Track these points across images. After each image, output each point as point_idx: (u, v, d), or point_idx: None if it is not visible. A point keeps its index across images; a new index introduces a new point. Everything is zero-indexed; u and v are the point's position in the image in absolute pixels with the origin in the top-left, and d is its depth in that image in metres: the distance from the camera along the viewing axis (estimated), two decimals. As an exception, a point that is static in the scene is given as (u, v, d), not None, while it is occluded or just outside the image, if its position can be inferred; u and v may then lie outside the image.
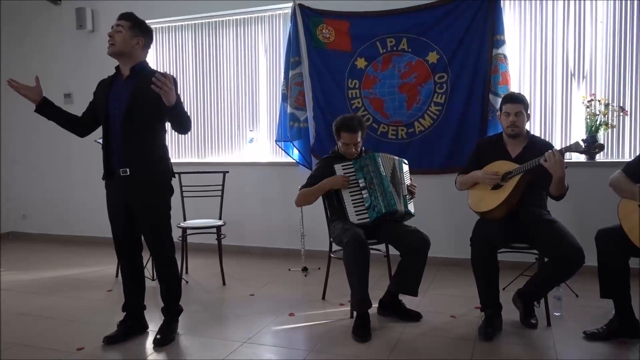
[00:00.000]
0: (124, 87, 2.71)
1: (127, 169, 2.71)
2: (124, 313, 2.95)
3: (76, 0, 5.62)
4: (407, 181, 3.33)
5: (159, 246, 2.84)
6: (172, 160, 5.39)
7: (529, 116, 3.10)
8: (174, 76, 2.76)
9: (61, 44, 5.80)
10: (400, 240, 3.11)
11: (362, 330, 2.88)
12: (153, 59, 5.51)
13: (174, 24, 5.40)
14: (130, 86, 2.69)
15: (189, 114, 2.74)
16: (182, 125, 2.69)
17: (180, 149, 5.49)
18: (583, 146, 2.75)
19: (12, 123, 6.00)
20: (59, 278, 4.30)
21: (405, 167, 3.37)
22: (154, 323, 3.00)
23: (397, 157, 3.35)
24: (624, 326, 2.74)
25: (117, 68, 2.80)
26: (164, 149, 2.83)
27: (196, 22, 5.31)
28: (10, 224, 6.23)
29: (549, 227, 2.85)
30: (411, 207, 3.28)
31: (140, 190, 2.74)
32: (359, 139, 3.28)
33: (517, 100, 3.03)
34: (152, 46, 5.71)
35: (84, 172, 5.62)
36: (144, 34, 2.77)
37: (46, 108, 2.78)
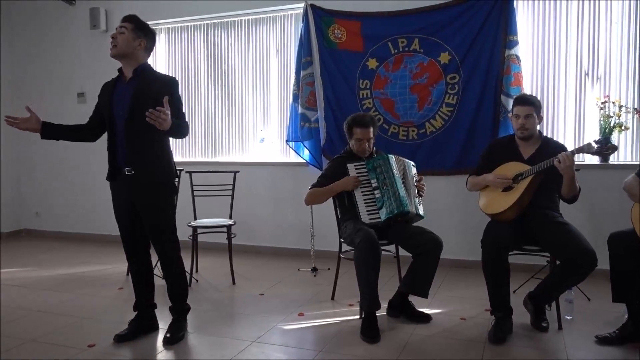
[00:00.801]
0: (126, 89, 2.74)
1: (132, 168, 2.74)
2: (135, 312, 2.97)
3: (90, 1, 5.68)
4: (415, 183, 3.32)
5: (160, 245, 2.85)
6: (183, 159, 5.49)
7: (541, 118, 3.06)
8: (177, 79, 2.81)
9: (75, 44, 5.86)
10: (412, 241, 3.10)
11: (370, 331, 2.87)
12: (165, 58, 5.55)
13: (186, 24, 5.43)
14: (132, 88, 2.72)
15: (190, 119, 2.76)
16: (178, 136, 2.78)
17: (191, 148, 5.52)
18: (595, 147, 2.72)
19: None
20: (71, 275, 4.34)
21: (414, 170, 3.37)
22: (164, 321, 3.01)
23: (405, 159, 3.35)
24: (637, 330, 2.70)
25: (120, 70, 2.83)
26: (167, 150, 2.86)
27: (208, 22, 5.33)
28: (23, 222, 6.31)
29: (561, 229, 2.83)
30: (421, 209, 3.28)
31: (143, 190, 2.76)
32: (372, 135, 3.29)
33: (527, 103, 3.00)
34: (165, 46, 5.78)
35: (98, 170, 5.62)
36: (147, 36, 2.79)
37: (49, 130, 2.78)
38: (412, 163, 3.40)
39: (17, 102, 6.06)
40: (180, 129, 2.71)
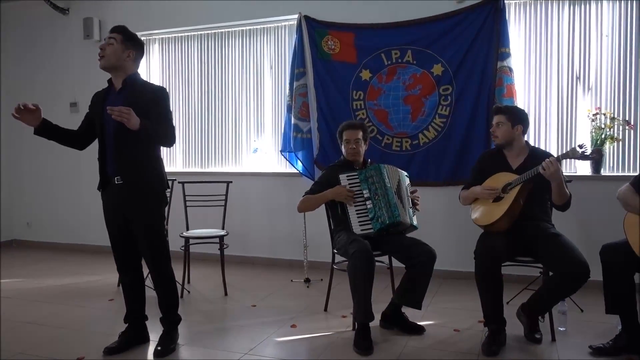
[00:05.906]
0: (116, 99, 2.72)
1: (121, 177, 2.73)
2: (126, 324, 2.94)
3: (84, 10, 5.68)
4: (410, 194, 3.32)
5: (149, 255, 2.81)
6: (177, 169, 5.46)
7: (520, 128, 3.03)
8: (170, 89, 2.78)
9: (68, 54, 5.85)
10: (405, 253, 3.09)
11: (363, 343, 2.85)
12: (159, 68, 5.55)
13: (179, 35, 5.43)
14: (122, 99, 2.70)
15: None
16: (159, 142, 2.76)
17: (185, 159, 5.51)
18: (579, 152, 2.74)
19: (18, 131, 6.03)
20: (62, 286, 4.29)
21: (407, 180, 3.37)
22: (155, 333, 2.97)
23: (400, 170, 3.35)
24: (631, 342, 2.70)
25: (110, 81, 2.82)
26: (158, 160, 2.84)
27: (202, 32, 5.35)
28: (14, 232, 6.24)
29: (553, 240, 2.83)
30: (415, 220, 3.27)
31: (132, 199, 2.74)
32: (359, 136, 3.32)
33: (497, 112, 3.09)
34: (159, 56, 5.78)
35: (89, 180, 5.56)
36: (135, 47, 2.78)
37: (44, 127, 2.77)
38: (406, 174, 3.39)
39: (8, 111, 6.02)
40: (160, 135, 2.69)
